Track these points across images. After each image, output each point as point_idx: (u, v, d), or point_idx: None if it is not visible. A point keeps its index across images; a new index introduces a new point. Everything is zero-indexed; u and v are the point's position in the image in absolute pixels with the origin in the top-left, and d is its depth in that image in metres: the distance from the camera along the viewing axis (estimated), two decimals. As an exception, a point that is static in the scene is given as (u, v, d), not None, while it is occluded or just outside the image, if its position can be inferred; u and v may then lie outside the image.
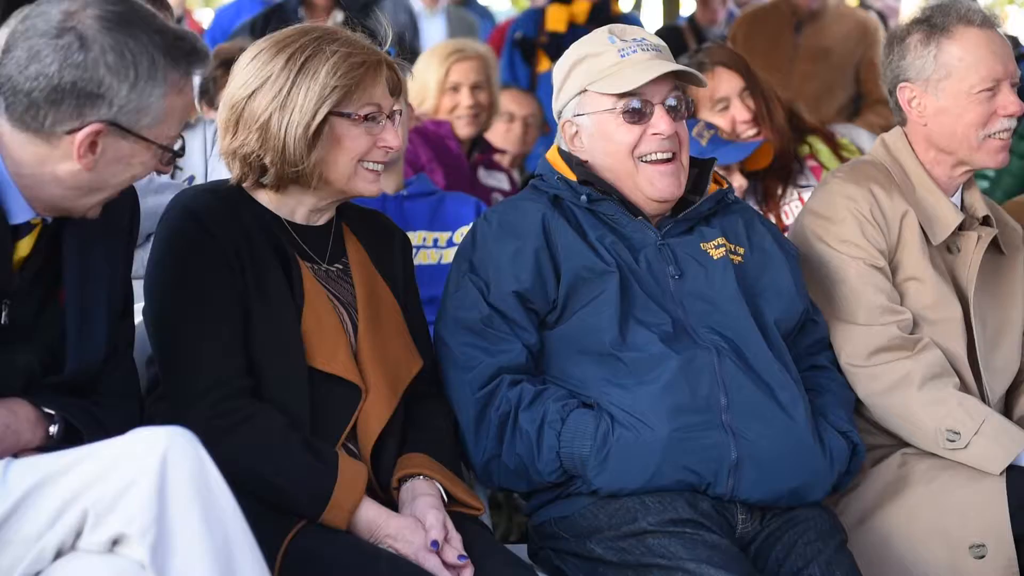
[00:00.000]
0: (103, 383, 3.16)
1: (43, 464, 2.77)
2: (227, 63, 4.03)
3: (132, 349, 3.31)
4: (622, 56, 3.65)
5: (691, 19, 9.68)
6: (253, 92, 3.35)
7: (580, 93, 3.69)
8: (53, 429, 3.02)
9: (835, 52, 7.66)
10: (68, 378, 3.05)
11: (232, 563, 2.71)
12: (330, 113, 3.34)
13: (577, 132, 3.73)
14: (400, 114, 3.52)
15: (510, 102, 7.06)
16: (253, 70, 3.37)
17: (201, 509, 2.69)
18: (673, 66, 3.66)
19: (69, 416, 3.03)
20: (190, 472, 2.70)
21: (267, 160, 3.36)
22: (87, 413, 3.07)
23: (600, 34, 3.73)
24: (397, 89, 3.47)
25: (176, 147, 2.98)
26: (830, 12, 7.81)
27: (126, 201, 3.19)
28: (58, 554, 2.73)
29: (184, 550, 2.67)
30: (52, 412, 3.02)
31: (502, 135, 6.96)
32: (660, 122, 3.64)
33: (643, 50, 3.66)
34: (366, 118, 3.38)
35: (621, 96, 3.63)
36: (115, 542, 2.69)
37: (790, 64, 5.47)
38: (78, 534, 2.71)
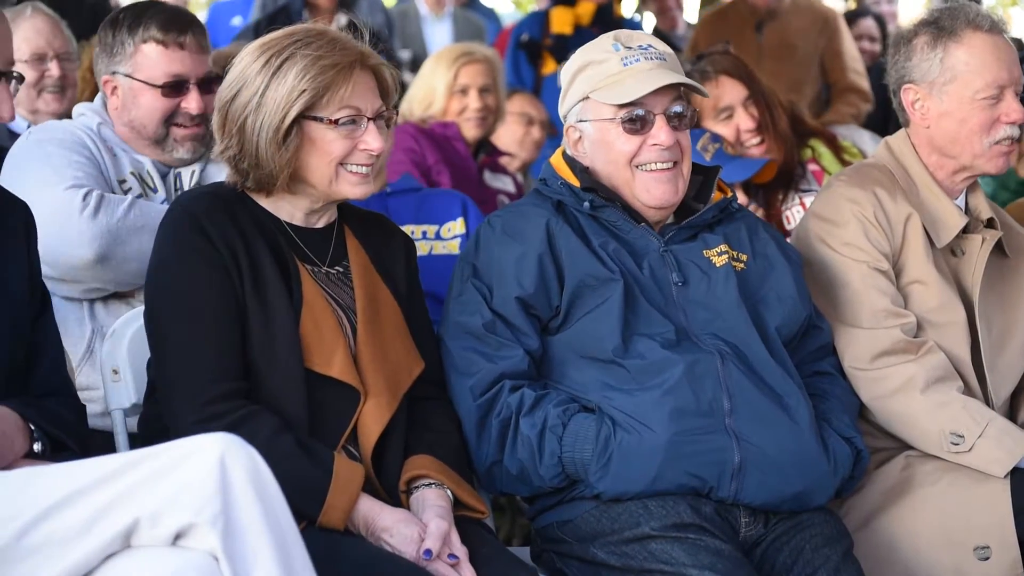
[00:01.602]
0: (36, 382, 3.19)
1: (83, 471, 2.78)
2: None
3: (60, 348, 3.32)
4: (625, 64, 3.64)
5: (655, 27, 9.64)
6: (235, 95, 3.34)
7: (583, 100, 3.68)
8: (37, 447, 3.06)
9: (799, 47, 7.66)
10: None
11: (289, 555, 2.77)
12: (303, 116, 3.31)
13: (580, 138, 3.72)
14: (397, 114, 3.50)
15: (527, 105, 7.03)
16: (236, 72, 3.36)
17: (261, 503, 2.75)
18: (674, 78, 3.63)
19: (47, 425, 3.06)
20: (247, 471, 2.76)
21: (245, 164, 3.35)
22: (58, 416, 3.11)
23: (605, 40, 3.71)
24: (386, 91, 3.43)
25: (15, 73, 3.00)
26: (788, 7, 7.80)
27: (17, 208, 3.22)
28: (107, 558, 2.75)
29: (251, 538, 2.73)
30: (32, 427, 3.06)
31: (519, 139, 6.93)
32: (660, 133, 3.62)
33: (647, 59, 3.65)
34: (339, 122, 3.34)
35: (621, 106, 3.63)
36: (178, 536, 2.72)
37: (756, 64, 5.50)
38: (126, 538, 2.72)
